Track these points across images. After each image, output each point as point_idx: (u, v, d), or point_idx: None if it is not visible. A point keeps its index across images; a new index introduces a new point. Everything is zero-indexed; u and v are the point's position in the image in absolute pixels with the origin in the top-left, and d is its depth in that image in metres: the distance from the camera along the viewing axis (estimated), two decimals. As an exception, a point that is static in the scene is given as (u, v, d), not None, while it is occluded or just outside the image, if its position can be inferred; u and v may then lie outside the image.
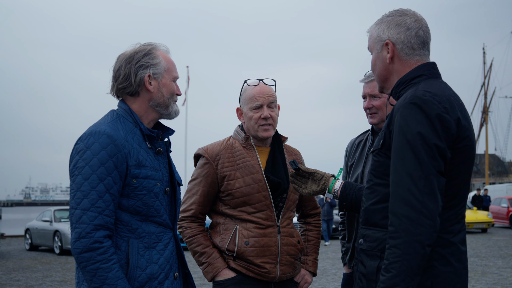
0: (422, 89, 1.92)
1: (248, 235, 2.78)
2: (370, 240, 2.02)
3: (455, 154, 1.91)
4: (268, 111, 2.84)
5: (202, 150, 2.90)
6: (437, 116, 1.86)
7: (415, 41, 2.06)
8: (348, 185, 2.42)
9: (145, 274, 2.14)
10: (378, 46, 2.11)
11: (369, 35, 2.18)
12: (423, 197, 1.81)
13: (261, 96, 2.85)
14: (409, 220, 1.81)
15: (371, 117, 3.00)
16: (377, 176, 2.03)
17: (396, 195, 1.86)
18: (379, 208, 2.00)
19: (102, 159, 2.06)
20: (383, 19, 2.12)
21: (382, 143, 2.00)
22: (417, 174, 1.83)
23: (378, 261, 1.96)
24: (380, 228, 1.99)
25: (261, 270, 2.77)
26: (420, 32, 2.06)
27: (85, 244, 2.01)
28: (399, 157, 1.88)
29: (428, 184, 1.82)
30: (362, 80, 3.05)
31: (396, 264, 1.80)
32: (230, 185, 2.80)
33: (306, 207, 3.14)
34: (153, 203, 2.19)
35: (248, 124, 2.89)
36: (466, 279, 2.00)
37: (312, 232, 3.13)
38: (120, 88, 2.24)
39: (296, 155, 3.07)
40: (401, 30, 2.06)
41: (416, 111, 1.87)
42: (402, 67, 2.08)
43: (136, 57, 2.23)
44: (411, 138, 1.85)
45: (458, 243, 1.96)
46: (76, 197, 2.05)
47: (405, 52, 2.06)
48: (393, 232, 1.83)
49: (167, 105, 2.29)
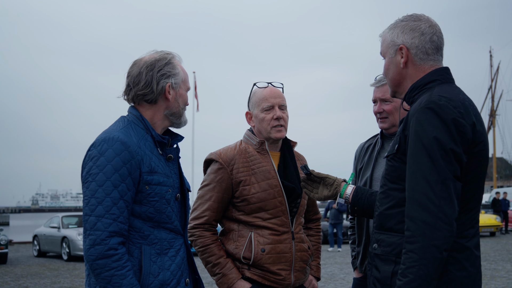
0: (438, 94, 1.92)
1: (264, 242, 2.74)
2: (384, 244, 2.01)
3: (471, 158, 1.91)
4: (280, 112, 2.82)
5: (215, 155, 2.85)
6: (453, 121, 1.86)
7: (429, 46, 2.06)
8: (360, 190, 2.41)
9: (157, 280, 2.14)
10: (391, 50, 2.11)
11: (381, 39, 2.17)
12: (440, 202, 1.81)
13: (272, 97, 2.83)
14: (426, 225, 1.81)
15: (381, 121, 2.99)
16: (391, 181, 2.03)
17: (412, 200, 1.86)
18: (394, 213, 2.00)
19: (116, 165, 2.07)
20: (397, 23, 2.12)
21: (397, 148, 2.00)
22: (433, 179, 1.83)
23: (393, 266, 1.96)
24: (395, 232, 1.98)
25: (277, 278, 2.75)
26: (434, 37, 2.06)
27: (100, 251, 2.01)
28: (415, 162, 1.88)
29: (445, 189, 1.82)
30: (372, 84, 3.04)
31: (413, 269, 1.80)
32: (245, 190, 2.77)
33: (309, 212, 3.12)
34: (165, 210, 2.19)
35: (259, 127, 2.86)
36: (480, 283, 2.00)
37: (314, 237, 3.13)
38: (140, 94, 2.25)
39: (302, 160, 3.06)
40: (415, 35, 2.05)
41: (432, 116, 1.87)
42: (416, 72, 2.08)
43: (157, 65, 2.24)
44: (427, 143, 1.85)
45: (472, 247, 1.96)
46: (90, 204, 2.06)
47: (419, 57, 2.06)
48: (410, 236, 1.83)
49: (180, 115, 2.33)
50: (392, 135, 3.02)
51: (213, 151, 2.91)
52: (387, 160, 2.08)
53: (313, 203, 3.13)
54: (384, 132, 3.06)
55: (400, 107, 2.26)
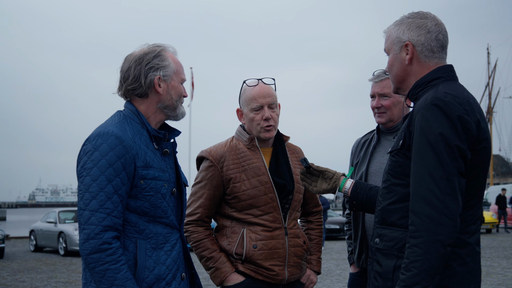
0: (443, 91, 1.94)
1: (256, 238, 2.75)
2: (386, 239, 2.03)
3: (475, 155, 1.92)
4: (269, 112, 2.81)
5: (206, 152, 2.86)
6: (458, 118, 1.87)
7: (434, 44, 2.07)
8: (359, 185, 2.42)
9: (152, 275, 2.14)
10: (396, 47, 2.12)
11: (386, 36, 2.18)
12: (445, 197, 1.83)
13: (261, 97, 2.81)
14: (430, 220, 1.82)
15: (379, 116, 3.00)
16: (395, 176, 2.04)
17: (417, 195, 1.87)
18: (397, 208, 2.01)
19: (111, 160, 2.06)
20: (402, 20, 2.13)
21: (402, 144, 2.01)
22: (438, 175, 1.85)
23: (395, 260, 1.97)
24: (398, 227, 2.00)
25: (270, 273, 2.75)
26: (440, 36, 2.08)
27: (94, 245, 2.01)
28: (420, 158, 1.89)
29: (450, 185, 1.84)
30: (371, 79, 3.05)
31: (417, 263, 1.82)
32: (236, 187, 2.77)
33: (308, 204, 3.11)
34: (161, 204, 2.19)
35: (249, 126, 2.86)
36: (479, 279, 2.02)
37: (315, 230, 3.12)
38: (129, 89, 2.24)
39: (298, 153, 3.05)
40: (421, 32, 2.07)
41: (437, 113, 1.88)
42: (421, 69, 2.09)
43: (146, 58, 2.22)
44: (433, 139, 1.87)
45: (473, 243, 1.98)
46: (84, 198, 2.06)
47: (425, 54, 2.07)
48: (414, 231, 1.85)
49: (175, 107, 2.30)
50: (389, 129, 3.04)
51: (205, 148, 2.91)
52: (391, 156, 2.09)
53: (313, 195, 3.11)
54: (381, 126, 3.08)
55: (403, 103, 2.27)
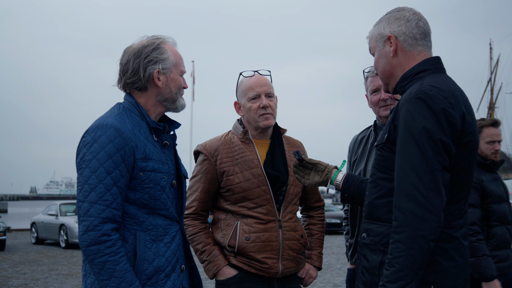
0: (428, 84, 1.92)
1: (249, 230, 2.77)
2: (373, 234, 2.02)
3: (460, 149, 1.91)
4: (267, 101, 2.83)
5: (201, 146, 2.89)
6: (442, 111, 1.86)
7: (416, 31, 2.07)
8: (351, 177, 2.42)
9: (152, 266, 2.15)
10: (380, 43, 2.13)
11: (369, 37, 2.19)
12: (428, 192, 1.82)
13: (257, 86, 2.84)
14: (413, 215, 1.81)
15: (385, 109, 2.92)
16: (380, 171, 2.03)
17: (400, 190, 1.86)
18: (383, 202, 2.00)
19: (110, 152, 2.07)
20: (381, 19, 2.15)
21: (386, 138, 2.00)
22: (422, 169, 1.83)
23: (381, 256, 1.96)
24: (383, 222, 1.99)
25: (263, 266, 2.76)
26: (420, 23, 2.09)
27: (93, 237, 2.02)
28: (404, 152, 1.88)
29: (433, 179, 1.83)
30: (369, 74, 2.99)
31: (400, 259, 1.80)
32: (229, 180, 2.79)
33: (309, 199, 3.11)
34: (160, 196, 2.19)
35: (248, 116, 2.88)
36: (468, 273, 2.01)
37: (316, 225, 3.11)
38: (128, 82, 2.24)
39: (299, 147, 3.05)
40: (401, 22, 2.08)
41: (421, 106, 1.87)
42: (406, 59, 2.08)
43: (144, 51, 2.22)
44: (417, 133, 1.85)
45: (460, 238, 1.96)
46: (83, 190, 2.06)
47: (408, 43, 2.08)
48: (397, 226, 1.84)
49: (174, 100, 2.30)
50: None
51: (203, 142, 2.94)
52: (377, 150, 2.08)
53: (314, 190, 3.10)
54: (378, 122, 3.04)
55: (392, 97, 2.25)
